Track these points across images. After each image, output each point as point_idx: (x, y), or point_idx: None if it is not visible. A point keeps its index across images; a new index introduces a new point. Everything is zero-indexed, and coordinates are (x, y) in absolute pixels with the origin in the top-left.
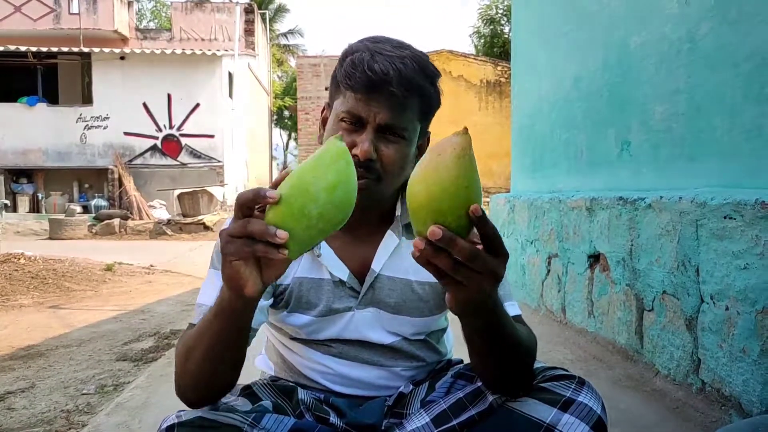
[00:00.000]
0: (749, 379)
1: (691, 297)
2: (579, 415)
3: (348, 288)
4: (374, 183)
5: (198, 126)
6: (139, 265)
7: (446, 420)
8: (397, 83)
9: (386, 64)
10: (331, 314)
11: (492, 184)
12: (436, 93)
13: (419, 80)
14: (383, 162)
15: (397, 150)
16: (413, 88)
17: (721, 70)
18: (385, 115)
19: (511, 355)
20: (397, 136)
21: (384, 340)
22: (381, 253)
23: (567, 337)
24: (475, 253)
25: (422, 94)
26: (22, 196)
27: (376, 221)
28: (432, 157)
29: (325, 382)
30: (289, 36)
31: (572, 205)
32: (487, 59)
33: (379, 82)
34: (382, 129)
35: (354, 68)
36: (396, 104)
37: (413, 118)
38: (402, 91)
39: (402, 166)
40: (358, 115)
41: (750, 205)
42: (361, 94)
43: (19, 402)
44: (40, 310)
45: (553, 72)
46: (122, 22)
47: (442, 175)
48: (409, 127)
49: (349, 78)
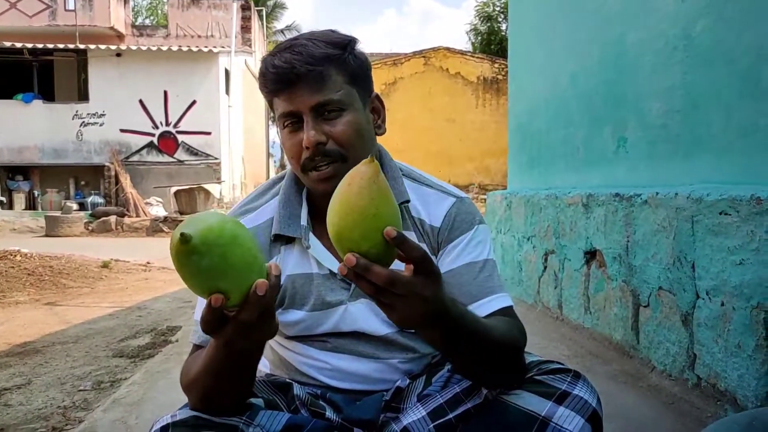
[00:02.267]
0: (744, 374)
1: (687, 293)
2: (574, 408)
3: (339, 280)
4: (340, 164)
5: (194, 123)
6: (136, 262)
7: (443, 414)
8: (301, 63)
9: (286, 55)
10: (324, 308)
11: (489, 181)
12: (353, 55)
13: (323, 50)
14: (337, 140)
15: (343, 123)
16: (319, 60)
17: (716, 67)
18: (310, 97)
19: (481, 354)
20: (334, 110)
21: (379, 330)
22: None
23: (563, 333)
24: (393, 278)
25: (334, 60)
26: (18, 193)
27: None
28: (342, 188)
29: (321, 377)
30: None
31: (569, 202)
32: (484, 56)
33: (286, 72)
34: (316, 111)
35: (264, 74)
36: (315, 82)
37: (340, 86)
38: (308, 68)
39: (359, 135)
40: (290, 112)
41: (745, 200)
42: (282, 92)
43: (16, 398)
44: (37, 306)
45: (550, 69)
46: (118, 18)
47: (351, 204)
48: (339, 97)
49: (265, 85)
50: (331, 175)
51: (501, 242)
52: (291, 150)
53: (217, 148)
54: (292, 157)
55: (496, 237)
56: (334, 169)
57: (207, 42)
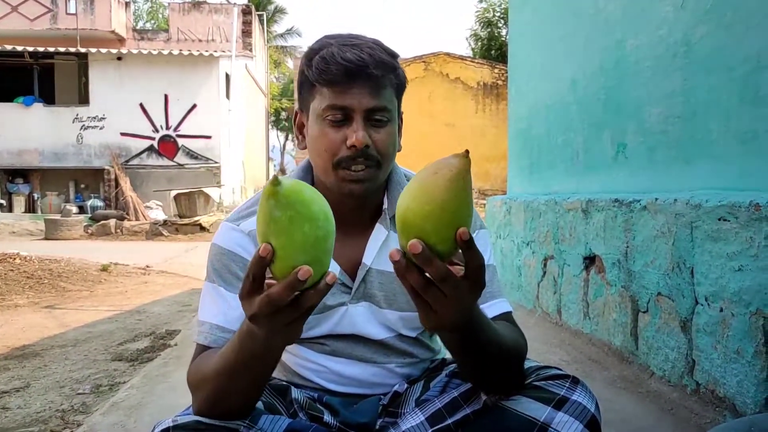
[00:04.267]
0: (743, 380)
1: (686, 298)
2: (573, 414)
3: (340, 284)
4: (375, 170)
5: (195, 127)
6: (135, 266)
7: (441, 419)
8: (374, 66)
9: (356, 51)
10: (325, 311)
11: (489, 186)
12: (402, 71)
13: (389, 59)
14: (378, 147)
15: (386, 133)
16: (388, 67)
17: (716, 74)
18: (369, 99)
19: (492, 361)
20: (382, 119)
21: (377, 335)
22: (371, 246)
23: (563, 338)
24: (447, 276)
25: (394, 71)
26: (18, 196)
27: (366, 217)
28: (427, 175)
29: (319, 380)
30: (287, 36)
31: (568, 207)
32: (484, 62)
33: (357, 69)
34: (368, 114)
35: (327, 63)
36: (375, 86)
37: (392, 97)
38: (380, 72)
39: (393, 147)
40: (342, 106)
41: (744, 207)
42: (340, 85)
43: (14, 402)
44: (36, 310)
45: (550, 75)
46: (119, 22)
47: (433, 195)
48: (390, 107)
49: (324, 73)
50: (364, 178)
51: (500, 247)
52: (329, 144)
53: (217, 152)
54: (327, 150)
55: (496, 242)
56: (368, 173)
57: (208, 46)
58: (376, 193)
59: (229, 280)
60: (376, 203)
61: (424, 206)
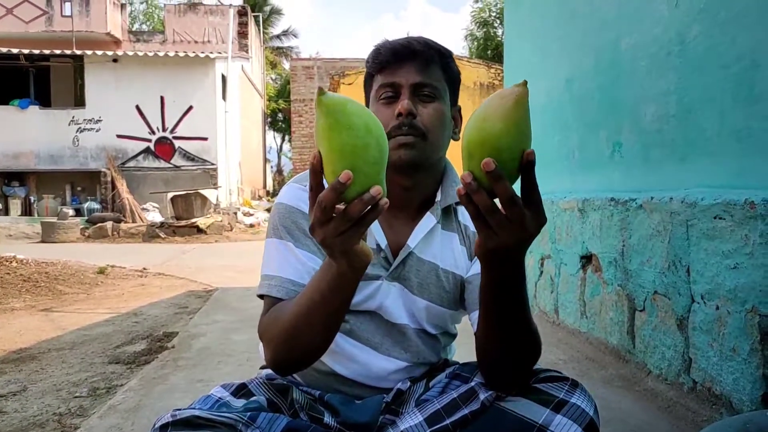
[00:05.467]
0: (739, 377)
1: (682, 297)
2: (571, 417)
3: (382, 258)
4: (421, 140)
5: (191, 129)
6: (132, 268)
7: (439, 419)
8: (418, 45)
9: (405, 39)
10: (363, 279)
11: None
12: (455, 66)
13: (436, 46)
14: (424, 120)
15: (433, 108)
16: (433, 49)
17: (710, 72)
18: (415, 75)
19: (519, 327)
20: (430, 95)
21: (400, 318)
22: (418, 231)
23: (560, 337)
24: (515, 199)
25: (442, 57)
26: (14, 199)
27: (418, 205)
28: (495, 100)
29: (329, 361)
30: (282, 37)
31: (564, 207)
32: (481, 62)
33: (403, 50)
34: (415, 89)
35: (378, 51)
36: (422, 64)
37: (440, 78)
38: (425, 49)
39: (442, 124)
40: (391, 83)
41: (740, 205)
42: (390, 66)
43: (11, 405)
44: (32, 313)
45: (546, 74)
46: (115, 24)
47: (505, 114)
48: (438, 86)
49: (376, 59)
50: (412, 143)
51: None
52: (382, 118)
53: (213, 153)
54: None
55: None
56: (416, 141)
57: (204, 47)
58: (429, 180)
59: (297, 236)
60: (428, 192)
61: (497, 124)
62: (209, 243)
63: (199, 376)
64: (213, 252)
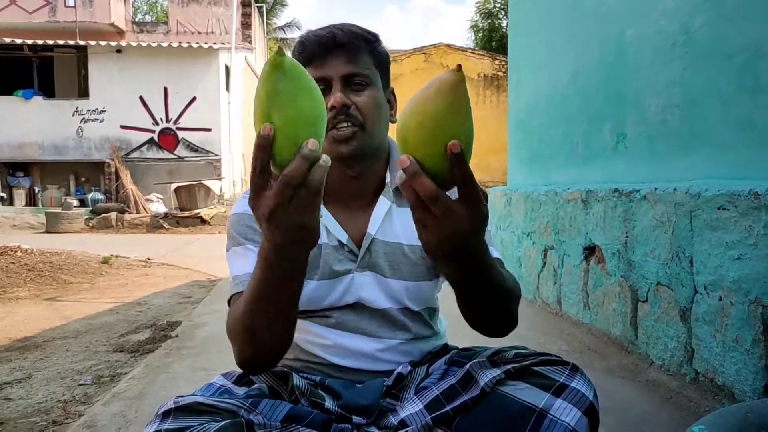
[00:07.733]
0: (742, 368)
1: (685, 288)
2: (572, 401)
3: (347, 251)
4: (360, 131)
5: (195, 119)
6: (136, 258)
7: (440, 406)
8: (342, 35)
9: (328, 29)
10: (333, 277)
11: (489, 178)
12: (383, 48)
13: (361, 33)
14: (359, 109)
15: (367, 96)
16: (359, 37)
17: (715, 63)
18: (344, 66)
19: (491, 300)
20: (361, 83)
21: (381, 303)
22: (375, 216)
23: (563, 328)
24: (436, 196)
25: (369, 43)
26: (19, 189)
27: (370, 192)
28: (419, 92)
29: (325, 354)
30: (286, 29)
31: (568, 198)
32: (485, 53)
33: (327, 41)
34: (346, 80)
35: (303, 44)
36: (350, 54)
37: (370, 65)
38: (350, 40)
39: (378, 110)
40: (321, 77)
41: (743, 196)
42: (318, 59)
43: (16, 392)
44: (37, 302)
45: (550, 66)
46: (118, 15)
47: (423, 107)
48: (368, 73)
49: (302, 52)
50: (349, 136)
51: (501, 238)
52: None
53: (217, 144)
54: None
55: (496, 233)
56: (354, 132)
57: (207, 38)
58: (376, 165)
59: (252, 237)
60: (378, 177)
61: (412, 118)
62: (213, 234)
63: (202, 365)
64: (216, 242)
